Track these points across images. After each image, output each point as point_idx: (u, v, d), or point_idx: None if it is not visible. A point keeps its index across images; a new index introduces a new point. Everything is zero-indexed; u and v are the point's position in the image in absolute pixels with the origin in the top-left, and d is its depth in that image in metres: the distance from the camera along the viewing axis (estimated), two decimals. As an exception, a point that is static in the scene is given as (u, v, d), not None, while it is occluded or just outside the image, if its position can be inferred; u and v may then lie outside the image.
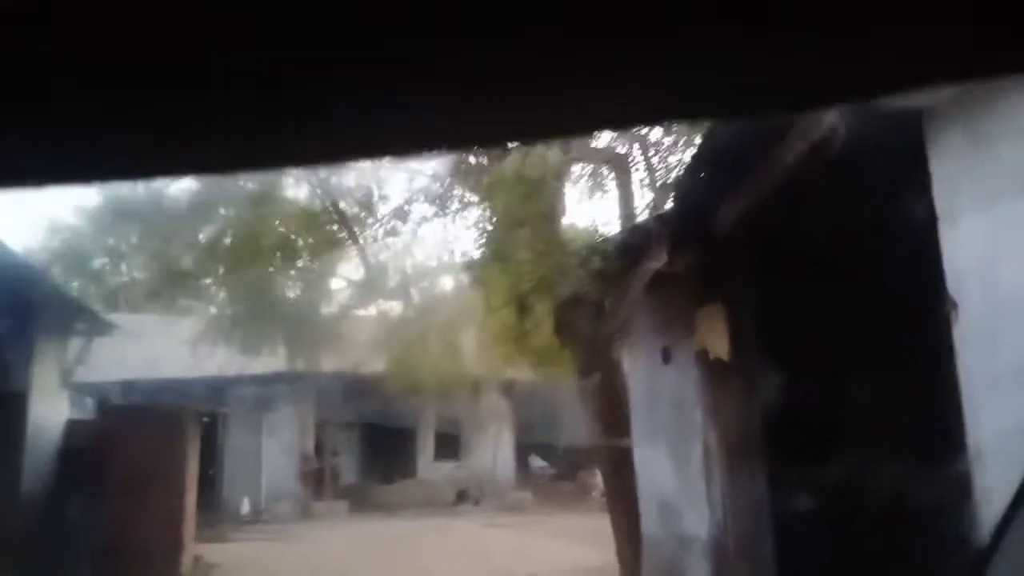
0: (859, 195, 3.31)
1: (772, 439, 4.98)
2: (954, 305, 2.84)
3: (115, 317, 10.12)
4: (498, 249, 7.61)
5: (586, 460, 17.92)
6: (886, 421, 4.41)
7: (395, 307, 11.22)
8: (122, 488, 9.20)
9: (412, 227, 10.27)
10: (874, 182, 3.05)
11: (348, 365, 13.45)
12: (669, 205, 6.56)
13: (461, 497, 19.52)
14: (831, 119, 2.67)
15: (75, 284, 9.94)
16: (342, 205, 9.96)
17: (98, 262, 10.27)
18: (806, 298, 4.66)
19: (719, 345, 5.14)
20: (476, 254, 9.38)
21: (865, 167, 2.80)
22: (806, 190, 3.34)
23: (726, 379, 5.18)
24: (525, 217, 6.93)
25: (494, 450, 20.29)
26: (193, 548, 10.42)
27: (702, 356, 5.30)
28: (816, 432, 4.56)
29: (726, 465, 5.22)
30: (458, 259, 10.02)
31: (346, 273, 10.97)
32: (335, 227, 10.06)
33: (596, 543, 10.45)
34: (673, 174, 8.02)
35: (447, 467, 20.34)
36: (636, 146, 8.50)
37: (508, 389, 19.37)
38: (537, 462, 21.51)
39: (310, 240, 9.89)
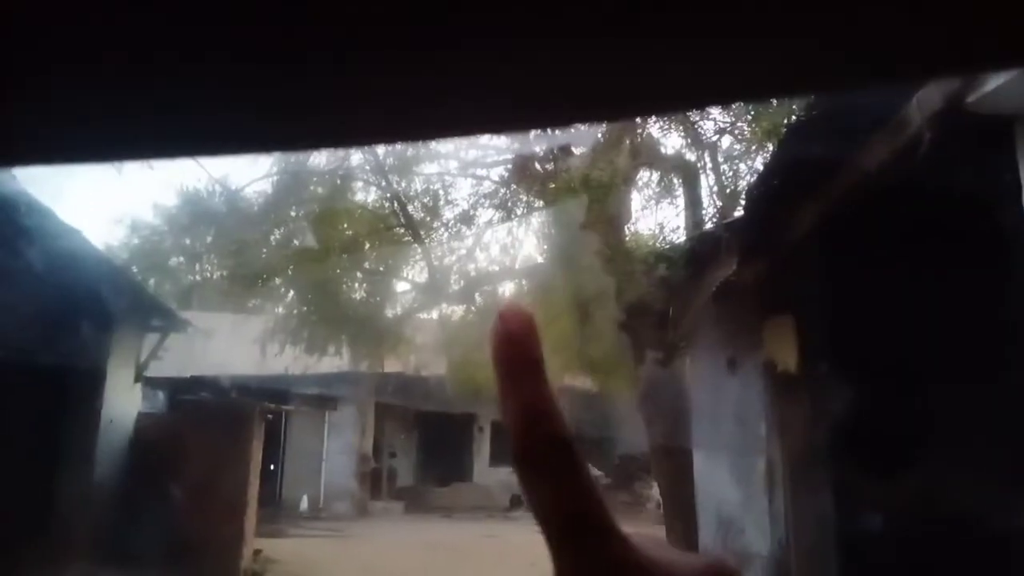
0: (942, 203, 3.21)
1: (839, 454, 4.86)
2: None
3: (189, 315, 10.45)
4: (561, 255, 7.61)
5: (642, 470, 17.74)
6: (960, 436, 4.27)
7: (457, 311, 11.32)
8: (189, 481, 9.45)
9: (477, 231, 10.37)
10: (959, 190, 2.96)
11: (409, 367, 13.61)
12: (738, 213, 6.46)
13: (515, 503, 19.51)
14: (916, 124, 2.61)
15: (152, 281, 10.32)
16: (409, 209, 10.12)
17: (174, 261, 10.63)
18: (879, 309, 4.54)
19: (787, 357, 5.05)
20: (539, 259, 9.43)
21: (950, 174, 2.72)
22: (885, 198, 3.26)
23: (793, 392, 5.08)
24: (590, 223, 6.91)
25: (549, 458, 20.23)
26: (253, 542, 10.65)
27: (768, 368, 5.21)
28: (886, 448, 4.44)
29: (790, 480, 5.11)
30: (521, 264, 10.07)
31: (411, 276, 11.14)
32: (401, 230, 10.22)
33: (651, 555, 10.30)
34: (742, 182, 7.91)
35: (502, 472, 20.35)
36: (705, 153, 8.40)
37: (566, 396, 19.31)
38: (593, 471, 21.37)
39: (377, 243, 10.07)
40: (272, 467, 16.00)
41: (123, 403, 10.38)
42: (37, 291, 7.30)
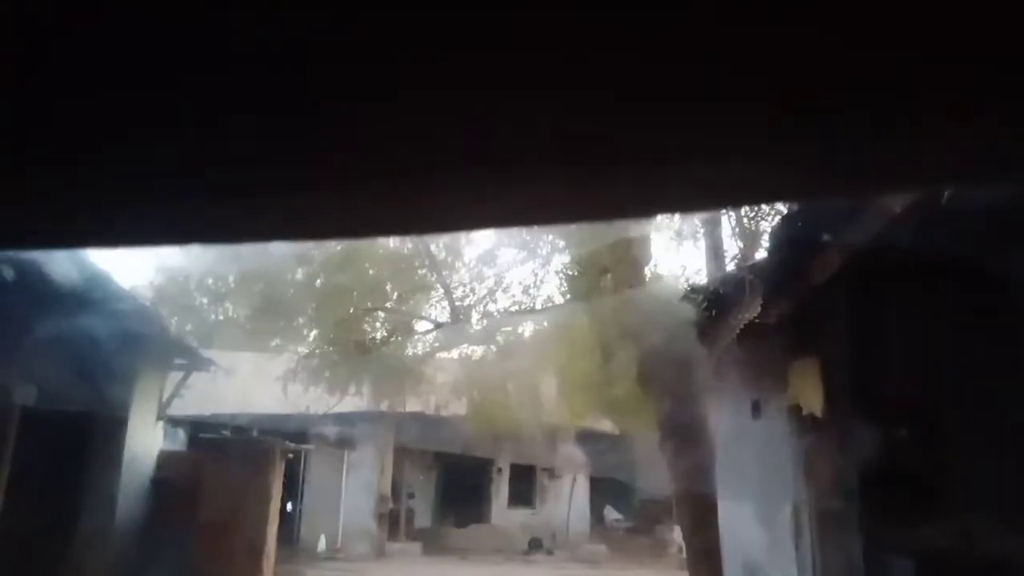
0: (973, 242, 3.20)
1: (868, 500, 4.78)
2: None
3: (211, 353, 10.53)
4: (583, 296, 7.62)
5: (664, 515, 17.47)
6: (992, 478, 4.19)
7: (478, 351, 11.32)
8: (208, 519, 9.44)
9: (498, 271, 10.41)
10: (991, 228, 2.95)
11: (429, 407, 13.57)
12: (760, 254, 6.46)
13: (534, 546, 19.25)
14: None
15: (175, 320, 10.44)
16: (432, 248, 10.21)
17: (198, 300, 10.75)
18: (906, 351, 4.50)
19: (812, 400, 4.99)
20: (561, 300, 9.42)
21: (982, 211, 2.71)
22: (911, 236, 3.26)
23: (819, 436, 5.01)
24: (611, 263, 6.93)
25: (569, 500, 20.02)
26: (271, 582, 10.56)
27: (794, 411, 5.15)
28: (917, 494, 4.36)
29: (818, 525, 5.02)
30: (543, 305, 10.08)
31: (432, 316, 11.18)
32: (424, 271, 10.29)
33: (674, 601, 10.12)
34: (765, 222, 7.91)
35: (521, 515, 20.14)
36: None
37: (586, 439, 19.15)
38: (613, 514, 21.08)
39: (399, 283, 10.14)
40: (291, 506, 15.94)
41: (145, 441, 10.42)
42: (62, 331, 7.39)
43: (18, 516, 7.91)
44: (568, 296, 8.68)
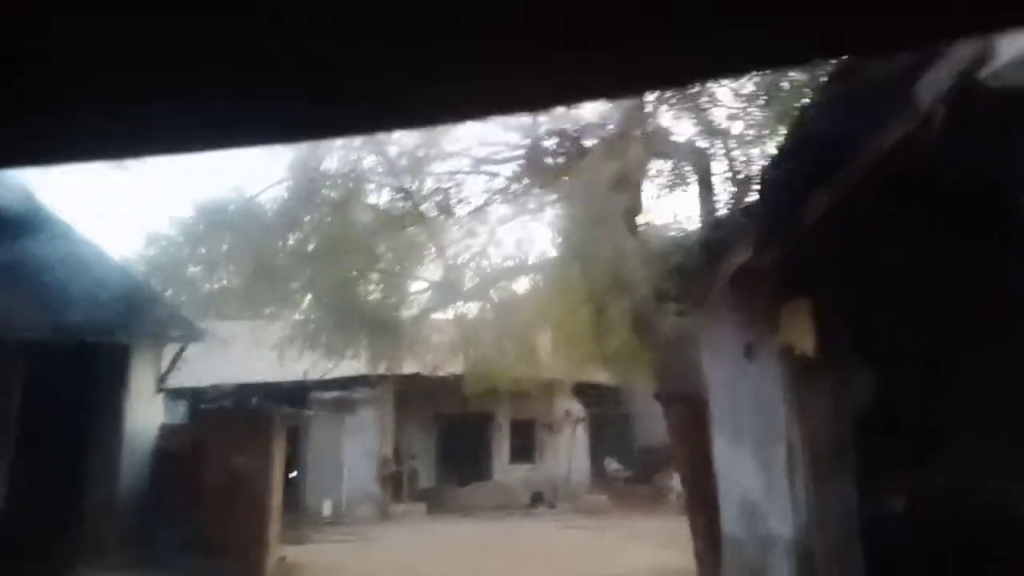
0: (959, 182, 3.21)
1: (861, 439, 4.85)
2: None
3: (207, 324, 10.51)
4: (575, 248, 7.62)
5: (663, 462, 17.72)
6: (985, 422, 4.26)
7: (473, 309, 11.34)
8: (212, 489, 9.52)
9: (490, 228, 10.39)
10: (976, 168, 2.95)
11: (427, 367, 13.64)
12: (751, 198, 6.46)
13: (536, 500, 19.55)
14: (928, 102, 2.61)
15: (170, 292, 10.40)
16: (422, 208, 10.16)
17: (191, 271, 10.70)
18: (897, 291, 4.53)
19: (805, 341, 5.04)
20: (553, 254, 9.43)
21: (966, 152, 2.72)
22: (901, 178, 3.26)
23: (812, 377, 5.06)
24: (603, 215, 6.91)
25: (569, 453, 20.27)
26: (277, 549, 10.71)
27: (787, 353, 5.20)
28: (909, 433, 4.43)
29: (812, 465, 5.10)
30: (536, 259, 10.09)
31: (426, 275, 11.18)
32: (415, 230, 10.26)
33: (674, 546, 10.32)
34: (755, 166, 7.88)
35: (522, 470, 20.40)
36: (717, 139, 8.38)
37: (584, 391, 19.33)
38: (613, 465, 21.38)
39: (391, 244, 10.12)
40: (294, 473, 16.10)
41: (146, 414, 10.47)
42: (57, 305, 7.38)
43: (25, 490, 7.98)
44: (561, 249, 8.70)
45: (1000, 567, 4.05)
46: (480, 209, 10.06)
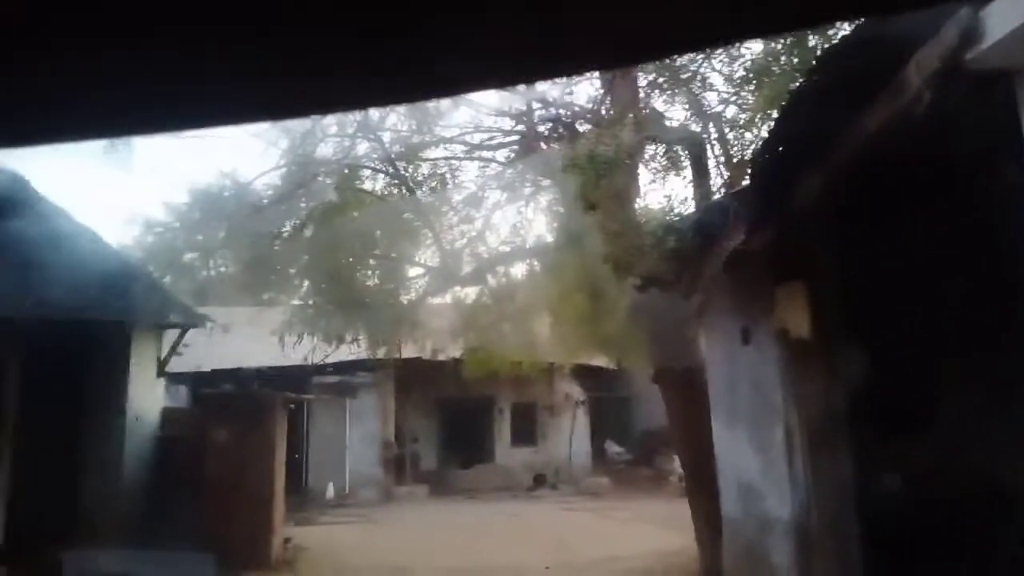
0: (947, 164, 3.20)
1: (857, 419, 4.88)
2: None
3: (206, 310, 10.54)
4: (571, 232, 7.61)
5: (663, 445, 17.80)
6: (977, 400, 4.27)
7: (470, 293, 11.37)
8: (216, 473, 9.58)
9: (486, 213, 10.38)
10: (964, 149, 2.94)
11: (426, 352, 13.68)
12: (746, 182, 6.45)
13: (538, 482, 19.66)
14: (915, 85, 2.61)
15: (168, 278, 10.42)
16: (418, 194, 10.15)
17: (188, 257, 10.72)
18: (891, 273, 4.54)
19: (800, 324, 5.06)
20: (549, 238, 9.44)
21: (954, 134, 2.71)
22: (890, 160, 3.26)
23: (807, 359, 5.09)
24: (598, 199, 6.90)
25: (570, 436, 20.35)
26: (283, 531, 10.79)
27: (782, 336, 5.22)
28: (904, 412, 4.45)
29: (809, 446, 5.13)
30: (532, 244, 10.10)
31: (423, 260, 11.20)
32: (411, 216, 10.26)
33: (675, 527, 10.40)
34: (748, 151, 7.86)
35: (524, 452, 20.50)
36: (710, 123, 8.36)
37: (584, 375, 19.38)
38: (613, 448, 21.47)
39: (387, 229, 10.12)
40: (297, 456, 16.20)
41: (147, 400, 10.52)
42: (56, 290, 7.40)
43: (27, 475, 8.04)
44: (557, 234, 8.69)
45: (994, 542, 4.08)
46: (475, 195, 10.07)
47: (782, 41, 6.40)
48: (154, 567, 6.82)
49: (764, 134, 6.45)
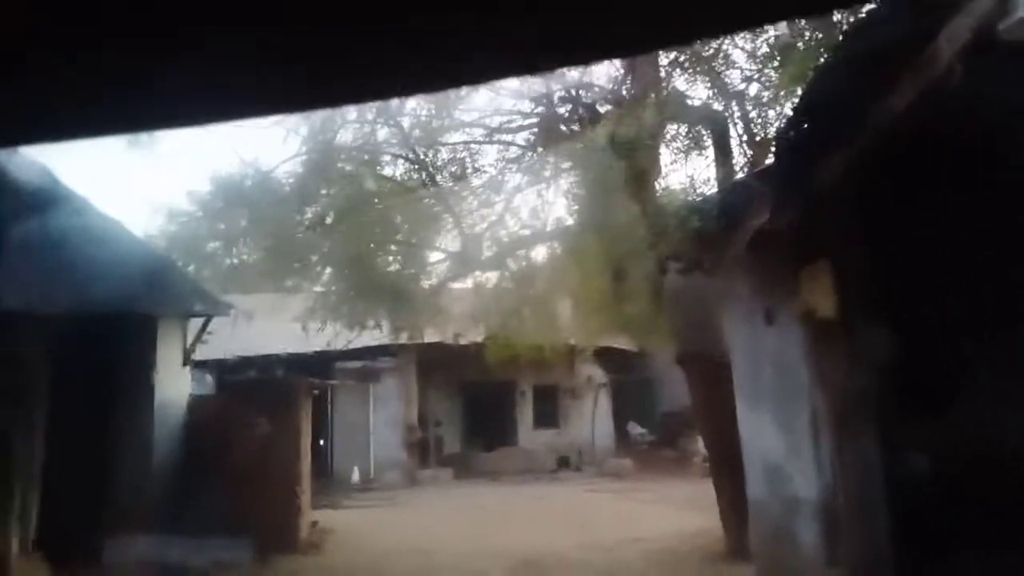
0: (977, 141, 3.14)
1: (883, 399, 4.83)
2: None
3: (230, 298, 10.63)
4: (592, 215, 7.58)
5: (686, 427, 17.77)
6: (1004, 380, 4.21)
7: (492, 278, 11.37)
8: (242, 458, 9.70)
9: (506, 197, 10.36)
10: (994, 123, 2.89)
11: (448, 337, 13.73)
12: (768, 161, 6.37)
13: (561, 464, 19.73)
14: (947, 58, 2.55)
15: (192, 267, 10.52)
16: (438, 179, 10.14)
17: (212, 246, 10.81)
18: (917, 252, 4.47)
19: (825, 304, 5.01)
20: (570, 221, 9.40)
21: (985, 109, 2.65)
22: (918, 137, 3.20)
23: (833, 339, 5.04)
24: (619, 181, 6.86)
25: (593, 418, 20.38)
26: (309, 515, 10.93)
27: (807, 316, 5.17)
28: (930, 389, 4.40)
29: (835, 426, 5.10)
30: (553, 227, 10.06)
31: (443, 245, 11.21)
32: (431, 201, 10.26)
33: (699, 508, 10.40)
34: (771, 129, 7.75)
35: (547, 435, 20.57)
36: (733, 102, 8.24)
37: (606, 357, 19.36)
38: (636, 429, 21.48)
39: (407, 215, 10.14)
40: (322, 442, 16.36)
41: (174, 387, 10.64)
42: (83, 280, 7.49)
43: (60, 466, 8.17)
44: (578, 216, 8.65)
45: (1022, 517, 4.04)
46: (495, 178, 10.04)
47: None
48: (192, 552, 6.93)
49: (788, 112, 6.37)
